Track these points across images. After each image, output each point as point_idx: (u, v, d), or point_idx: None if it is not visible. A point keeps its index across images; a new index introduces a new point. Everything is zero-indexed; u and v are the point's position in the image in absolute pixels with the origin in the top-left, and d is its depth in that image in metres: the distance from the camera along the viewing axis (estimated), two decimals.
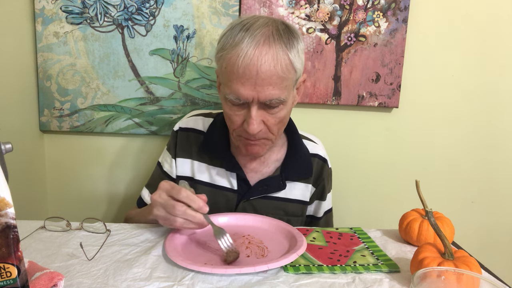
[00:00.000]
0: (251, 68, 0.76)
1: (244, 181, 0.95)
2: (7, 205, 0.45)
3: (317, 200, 1.03)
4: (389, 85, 1.28)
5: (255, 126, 0.80)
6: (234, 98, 0.80)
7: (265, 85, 0.77)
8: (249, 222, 0.84)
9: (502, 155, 1.37)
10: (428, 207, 0.69)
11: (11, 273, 0.46)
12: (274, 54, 0.77)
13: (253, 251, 0.72)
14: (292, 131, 0.99)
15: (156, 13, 1.22)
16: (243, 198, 0.95)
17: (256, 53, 0.76)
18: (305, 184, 0.99)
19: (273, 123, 0.83)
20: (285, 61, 0.78)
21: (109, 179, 1.35)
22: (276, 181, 0.95)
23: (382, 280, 0.65)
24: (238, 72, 0.77)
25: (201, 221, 0.73)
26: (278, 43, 0.78)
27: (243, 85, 0.77)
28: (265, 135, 0.85)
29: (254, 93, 0.78)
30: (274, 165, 0.97)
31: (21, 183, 1.19)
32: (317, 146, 1.03)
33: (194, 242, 0.77)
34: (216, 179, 0.96)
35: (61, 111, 1.26)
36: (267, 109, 0.82)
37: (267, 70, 0.76)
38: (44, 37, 1.21)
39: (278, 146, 0.98)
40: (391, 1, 1.23)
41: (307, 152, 0.99)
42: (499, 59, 1.31)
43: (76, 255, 0.70)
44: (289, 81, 0.81)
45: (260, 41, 0.77)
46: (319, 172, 1.01)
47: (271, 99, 0.79)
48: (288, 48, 0.79)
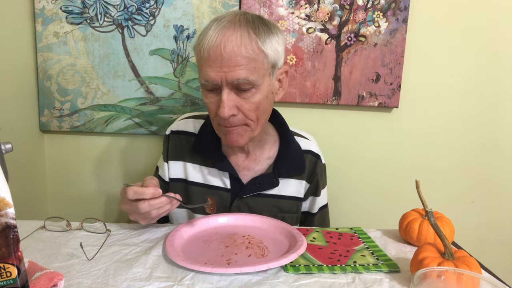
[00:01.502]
0: (216, 50, 0.79)
1: (236, 179, 0.96)
2: (7, 205, 0.45)
3: (312, 196, 1.03)
4: (389, 85, 1.28)
5: (226, 109, 0.81)
6: (204, 81, 0.82)
7: (231, 65, 0.79)
8: (249, 222, 0.84)
9: (502, 155, 1.37)
10: (428, 207, 0.69)
11: (11, 273, 0.46)
12: (238, 36, 0.79)
13: (253, 251, 0.72)
14: (284, 128, 1.00)
15: (156, 13, 1.22)
16: (236, 196, 0.95)
17: (220, 35, 0.79)
18: (298, 181, 0.99)
19: (247, 108, 0.84)
20: (251, 43, 0.80)
21: (109, 179, 1.35)
22: (269, 179, 0.95)
23: (382, 280, 0.65)
24: (204, 56, 0.80)
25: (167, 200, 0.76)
26: (244, 27, 0.80)
27: (210, 67, 0.80)
28: (242, 121, 0.85)
29: (222, 74, 0.80)
30: (267, 162, 0.97)
31: (21, 183, 1.19)
32: (310, 142, 1.03)
33: (194, 242, 0.77)
34: (209, 179, 0.97)
35: (61, 111, 1.26)
36: (239, 93, 0.83)
37: (231, 51, 0.78)
38: (44, 37, 1.21)
39: (270, 144, 0.99)
40: (391, 1, 1.23)
41: (299, 148, 1.00)
42: (499, 59, 1.31)
43: (76, 255, 0.70)
44: (258, 64, 0.81)
45: (225, 26, 0.80)
46: (313, 168, 1.01)
47: (238, 78, 0.79)
48: (255, 34, 0.81)
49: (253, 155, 0.97)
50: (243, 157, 0.97)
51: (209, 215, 0.85)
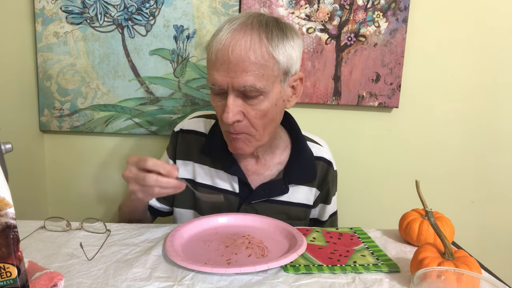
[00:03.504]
0: (223, 53, 0.76)
1: (245, 184, 0.93)
2: (7, 205, 0.45)
3: (322, 203, 1.01)
4: (389, 85, 1.28)
5: (230, 114, 0.78)
6: (211, 84, 0.80)
7: (238, 70, 0.76)
8: (249, 222, 0.84)
9: (502, 155, 1.37)
10: (428, 207, 0.69)
11: (11, 273, 0.46)
12: (247, 40, 0.76)
13: (253, 251, 0.72)
14: (296, 133, 0.97)
15: (156, 13, 1.22)
16: (244, 201, 0.93)
17: (229, 37, 0.76)
18: (309, 188, 0.97)
19: (254, 116, 0.80)
20: (261, 48, 0.76)
21: (109, 179, 1.35)
22: (279, 185, 0.93)
23: (382, 280, 0.65)
24: (212, 58, 0.78)
25: (176, 184, 0.74)
26: (255, 31, 0.77)
27: (217, 70, 0.77)
28: (246, 129, 0.82)
29: (228, 79, 0.77)
30: (277, 168, 0.95)
31: (21, 183, 1.19)
32: (322, 149, 1.01)
33: (194, 242, 0.77)
34: (218, 182, 0.95)
35: (61, 111, 1.26)
36: (246, 99, 0.79)
37: (238, 55, 0.75)
38: (44, 37, 1.21)
39: (281, 149, 0.96)
40: (391, 1, 1.23)
41: (311, 155, 0.97)
42: (499, 59, 1.31)
43: (76, 255, 0.70)
44: (267, 70, 0.77)
45: (236, 28, 0.77)
46: (324, 175, 0.98)
47: (244, 85, 0.76)
48: (267, 38, 0.77)
49: (263, 160, 0.94)
50: (253, 161, 0.95)
51: (209, 215, 0.85)
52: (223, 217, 0.85)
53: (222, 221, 0.84)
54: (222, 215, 0.86)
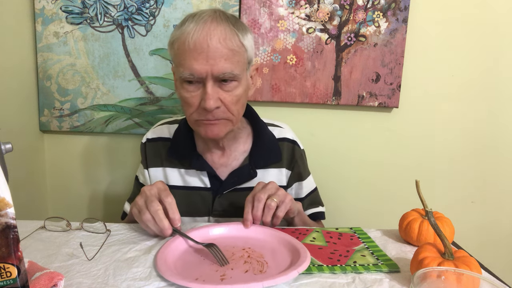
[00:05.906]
0: (202, 42, 0.79)
1: (215, 177, 0.96)
2: (7, 205, 0.45)
3: (297, 182, 1.03)
4: (389, 85, 1.28)
5: (211, 101, 0.81)
6: (188, 74, 0.81)
7: (217, 57, 0.80)
8: (251, 233, 0.79)
9: (502, 155, 1.37)
10: (428, 207, 0.69)
11: (11, 273, 0.46)
12: (222, 30, 0.81)
13: (251, 266, 0.67)
14: (256, 120, 1.00)
15: (156, 13, 1.22)
16: (217, 194, 0.96)
17: (205, 28, 0.80)
18: (278, 169, 0.99)
19: (230, 101, 0.84)
20: (234, 36, 0.82)
21: (109, 179, 1.35)
22: (246, 171, 0.96)
23: (382, 280, 0.65)
24: (189, 48, 0.80)
25: (164, 227, 0.73)
26: (225, 22, 0.82)
27: (196, 59, 0.80)
28: (224, 114, 0.85)
29: (208, 67, 0.80)
30: (243, 156, 0.98)
31: (21, 183, 1.19)
32: (284, 130, 1.03)
33: (190, 254, 0.72)
34: (189, 181, 0.97)
35: (61, 111, 1.26)
36: (222, 86, 0.83)
37: (217, 43, 0.79)
38: (44, 37, 1.21)
39: (244, 137, 0.99)
40: (391, 1, 1.23)
41: (273, 137, 1.00)
42: (499, 59, 1.31)
43: (76, 255, 0.70)
44: (240, 57, 0.83)
45: (207, 20, 0.81)
46: (291, 154, 1.01)
47: (224, 72, 0.80)
48: (235, 28, 0.83)
49: (228, 150, 0.97)
50: (219, 154, 0.97)
51: (207, 224, 0.82)
52: (224, 227, 0.80)
53: (222, 231, 0.79)
54: (223, 225, 0.81)
